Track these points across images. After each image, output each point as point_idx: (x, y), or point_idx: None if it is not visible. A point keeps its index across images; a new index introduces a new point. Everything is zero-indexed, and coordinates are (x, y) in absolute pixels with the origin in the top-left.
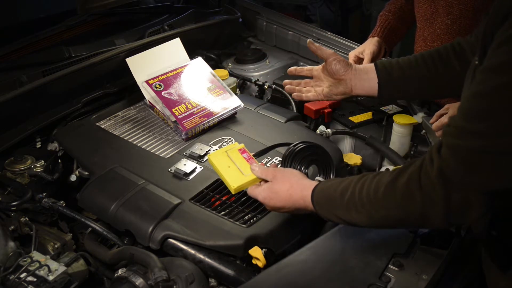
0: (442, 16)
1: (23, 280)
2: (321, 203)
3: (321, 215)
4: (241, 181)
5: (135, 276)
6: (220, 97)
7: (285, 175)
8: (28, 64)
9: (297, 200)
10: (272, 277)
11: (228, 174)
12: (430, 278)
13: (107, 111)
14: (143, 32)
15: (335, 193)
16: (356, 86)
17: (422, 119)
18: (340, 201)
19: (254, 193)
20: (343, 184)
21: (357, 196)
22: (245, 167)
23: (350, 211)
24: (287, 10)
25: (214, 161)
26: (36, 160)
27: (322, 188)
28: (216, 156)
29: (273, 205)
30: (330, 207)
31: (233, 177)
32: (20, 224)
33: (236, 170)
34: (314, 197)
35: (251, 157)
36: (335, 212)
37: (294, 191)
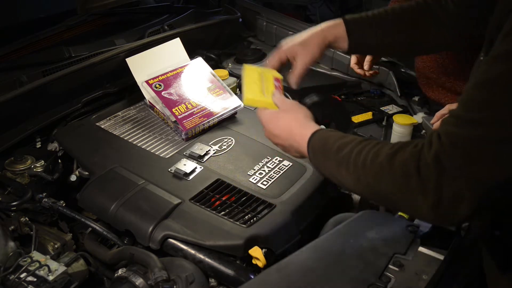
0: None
1: (23, 280)
2: (316, 149)
3: (311, 161)
4: (256, 98)
5: (135, 276)
6: (220, 97)
7: (296, 108)
8: (28, 64)
9: (294, 135)
10: (272, 277)
11: (250, 88)
12: (430, 278)
13: (107, 111)
14: (143, 32)
15: (333, 145)
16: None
17: (422, 119)
18: (335, 154)
19: (260, 113)
20: (344, 140)
21: (353, 156)
22: (269, 91)
23: (341, 167)
24: (287, 10)
25: (247, 72)
26: (36, 160)
27: (322, 135)
28: (250, 70)
29: (270, 130)
30: (323, 156)
31: (253, 92)
32: (20, 224)
33: (259, 88)
34: (311, 140)
35: (280, 87)
36: (325, 162)
37: (295, 125)
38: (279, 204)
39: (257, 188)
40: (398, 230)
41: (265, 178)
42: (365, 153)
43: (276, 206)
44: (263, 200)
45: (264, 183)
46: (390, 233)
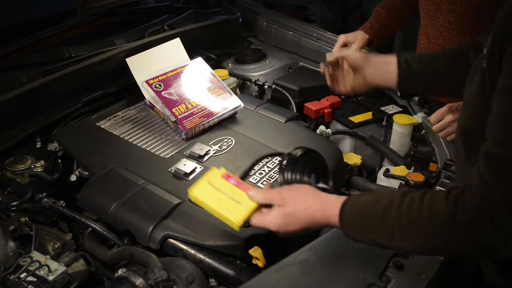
0: (445, 14)
1: (23, 280)
2: (354, 226)
3: (351, 238)
4: (243, 214)
5: (135, 276)
6: (220, 97)
7: (296, 193)
8: (28, 64)
9: (319, 220)
10: (272, 277)
11: (224, 209)
12: (430, 278)
13: (107, 111)
14: (143, 32)
15: (374, 213)
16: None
17: (422, 119)
18: (381, 224)
19: (263, 223)
20: (383, 203)
21: (405, 221)
22: (239, 196)
23: (394, 236)
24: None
25: (199, 196)
26: (36, 160)
27: (354, 207)
28: (200, 191)
29: (290, 231)
30: (367, 231)
31: (231, 211)
32: (20, 224)
33: (230, 201)
34: (343, 217)
35: (240, 182)
36: (372, 235)
37: (314, 210)
38: None
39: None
40: None
41: (265, 178)
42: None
43: None
44: None
45: (264, 183)
46: None
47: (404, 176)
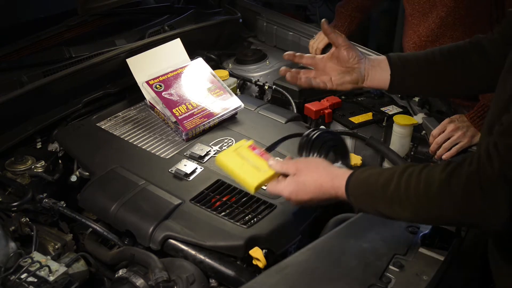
0: (438, 9)
1: (24, 280)
2: (358, 195)
3: (355, 206)
4: (260, 178)
5: (135, 276)
6: (220, 97)
7: (310, 164)
8: (29, 65)
9: (328, 190)
10: (272, 277)
11: (244, 173)
12: (430, 279)
13: (107, 112)
14: (144, 33)
15: (376, 185)
16: (368, 77)
17: (422, 119)
18: (382, 194)
19: (277, 189)
20: (385, 175)
21: (403, 191)
22: (261, 163)
23: (393, 205)
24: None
25: (224, 160)
26: (37, 161)
27: (359, 178)
28: (226, 156)
29: (300, 199)
30: (369, 200)
31: (250, 175)
32: (21, 224)
33: (251, 167)
34: (349, 187)
35: (264, 153)
36: (374, 205)
37: (324, 180)
38: (280, 205)
39: None
40: (398, 231)
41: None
42: (415, 184)
43: (277, 207)
44: (263, 201)
45: None
46: (390, 234)
47: None
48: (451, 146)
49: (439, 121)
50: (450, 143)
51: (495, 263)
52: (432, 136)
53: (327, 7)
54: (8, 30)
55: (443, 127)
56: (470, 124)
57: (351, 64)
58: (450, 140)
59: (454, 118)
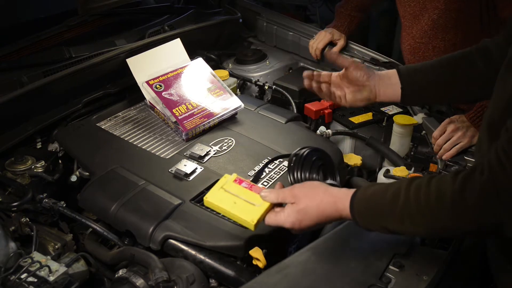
0: (429, 12)
1: (24, 280)
2: (365, 215)
3: (362, 226)
4: (258, 214)
5: (135, 276)
6: (221, 97)
7: (307, 190)
8: (29, 65)
9: (332, 214)
10: (272, 277)
11: (239, 211)
12: (430, 279)
13: (107, 112)
14: (144, 33)
15: (383, 202)
16: (379, 92)
17: (422, 119)
18: (391, 211)
19: (278, 221)
20: (391, 191)
21: (414, 205)
22: (253, 197)
23: (404, 222)
24: (287, 10)
25: (214, 201)
26: (37, 161)
27: (364, 197)
28: (214, 196)
29: (304, 227)
30: (377, 218)
31: (245, 212)
32: (21, 224)
33: (244, 203)
34: (354, 208)
35: (252, 184)
36: (383, 223)
37: (326, 205)
38: None
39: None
40: None
41: (265, 179)
42: (425, 197)
43: None
44: None
45: (265, 183)
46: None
47: (404, 177)
48: (452, 146)
49: (439, 121)
50: (450, 144)
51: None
52: (434, 138)
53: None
54: (8, 30)
55: (443, 128)
56: (470, 124)
57: (361, 83)
58: (450, 141)
59: (454, 118)
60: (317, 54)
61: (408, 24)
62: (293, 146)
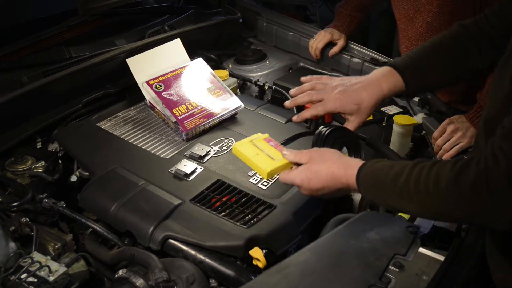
0: (423, 14)
1: (24, 280)
2: (369, 186)
3: (365, 197)
4: (274, 165)
5: (135, 276)
6: (220, 97)
7: (323, 153)
8: (29, 65)
9: (340, 179)
10: (272, 278)
11: (258, 160)
12: (430, 279)
13: (107, 112)
14: (144, 33)
15: (386, 177)
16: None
17: (422, 119)
18: (392, 187)
19: (289, 177)
20: (395, 169)
21: (413, 185)
22: (275, 154)
23: (402, 199)
24: (287, 10)
25: (240, 149)
26: (37, 161)
27: (370, 169)
28: (242, 145)
29: (312, 187)
30: (379, 192)
31: (264, 162)
32: (21, 224)
33: (265, 156)
34: (360, 178)
35: (278, 145)
36: (384, 197)
37: (337, 168)
38: (280, 205)
39: (258, 188)
40: (398, 231)
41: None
42: (424, 179)
43: (277, 207)
44: (263, 201)
45: (265, 183)
46: (390, 234)
47: None
48: (451, 147)
49: (439, 121)
50: (450, 144)
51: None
52: (433, 138)
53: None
54: (8, 30)
55: (443, 128)
56: (470, 124)
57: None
58: (450, 141)
59: (454, 119)
60: (317, 54)
61: (403, 26)
62: (293, 146)
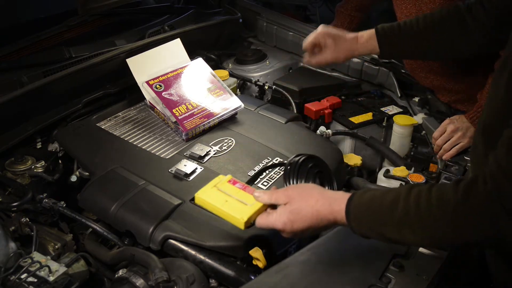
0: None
1: (24, 280)
2: (361, 219)
3: (357, 231)
4: (249, 212)
5: (135, 276)
6: (220, 97)
7: (302, 190)
8: (29, 65)
9: (326, 216)
10: (272, 277)
11: (230, 209)
12: (430, 279)
13: (107, 112)
14: (144, 33)
15: (381, 207)
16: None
17: (422, 120)
18: (389, 218)
19: (269, 222)
20: (390, 197)
21: (414, 213)
22: (245, 197)
23: (402, 229)
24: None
25: (205, 198)
26: (37, 161)
27: (360, 201)
28: (206, 193)
29: (296, 229)
30: (373, 224)
31: (236, 210)
32: (21, 224)
33: (236, 202)
34: (351, 212)
35: (246, 186)
36: (379, 229)
37: (321, 206)
38: None
39: (258, 188)
40: None
41: (265, 179)
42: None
43: None
44: None
45: (265, 183)
46: None
47: (404, 177)
48: (452, 147)
49: (439, 121)
50: (450, 144)
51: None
52: (434, 138)
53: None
54: (8, 30)
55: (443, 128)
56: (470, 124)
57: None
58: (450, 141)
59: (454, 118)
60: None
61: None
62: (293, 146)
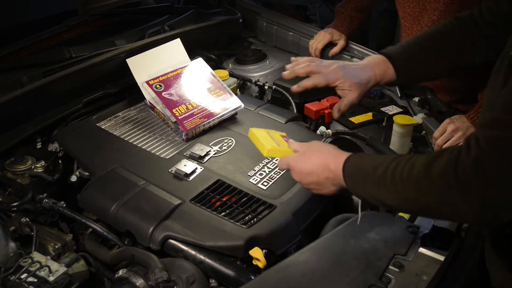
0: (429, 13)
1: (24, 280)
2: (353, 175)
3: (349, 188)
4: (275, 147)
5: (135, 276)
6: (220, 97)
7: (323, 146)
8: (29, 65)
9: (329, 165)
10: (272, 278)
11: (265, 141)
12: (430, 279)
13: (107, 112)
14: (144, 33)
15: (367, 167)
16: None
17: (422, 119)
18: (372, 176)
19: (285, 160)
20: (378, 160)
21: (389, 173)
22: (283, 143)
23: (379, 187)
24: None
25: (255, 132)
26: (37, 161)
27: (356, 159)
28: (259, 131)
29: (302, 169)
30: (360, 181)
31: (269, 143)
32: (21, 224)
33: (273, 141)
34: (346, 168)
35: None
36: (364, 186)
37: (328, 156)
38: (280, 205)
39: (258, 188)
40: (398, 231)
41: (265, 179)
42: (401, 167)
43: (277, 207)
44: (263, 201)
45: (265, 183)
46: (390, 234)
47: None
48: None
49: (439, 121)
50: (450, 144)
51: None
52: (434, 138)
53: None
54: (8, 30)
55: (443, 128)
56: (470, 124)
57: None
58: (450, 141)
59: (454, 118)
60: (316, 54)
61: (407, 25)
62: None
